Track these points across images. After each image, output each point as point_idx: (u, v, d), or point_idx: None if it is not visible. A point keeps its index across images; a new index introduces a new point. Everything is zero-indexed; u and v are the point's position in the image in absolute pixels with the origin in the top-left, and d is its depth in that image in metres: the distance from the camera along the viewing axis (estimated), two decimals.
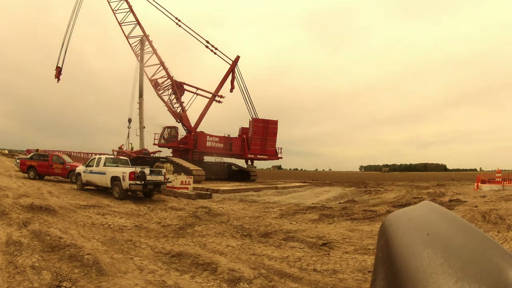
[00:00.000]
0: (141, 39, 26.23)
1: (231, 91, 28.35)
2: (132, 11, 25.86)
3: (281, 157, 29.14)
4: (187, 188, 14.49)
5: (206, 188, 16.02)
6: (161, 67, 26.17)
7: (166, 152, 27.71)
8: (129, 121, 29.63)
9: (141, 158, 24.18)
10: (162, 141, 27.35)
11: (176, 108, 26.85)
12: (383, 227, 0.56)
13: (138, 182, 11.21)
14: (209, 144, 26.41)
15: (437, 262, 0.38)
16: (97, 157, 14.06)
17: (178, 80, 26.91)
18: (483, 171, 58.99)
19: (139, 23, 25.93)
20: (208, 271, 4.53)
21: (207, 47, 27.55)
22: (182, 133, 27.03)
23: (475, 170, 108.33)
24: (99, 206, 9.37)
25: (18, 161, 21.40)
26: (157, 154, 26.90)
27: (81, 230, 6.58)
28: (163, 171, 12.73)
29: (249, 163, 28.51)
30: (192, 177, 15.99)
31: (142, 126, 28.90)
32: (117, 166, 12.85)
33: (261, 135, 27.34)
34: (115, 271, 4.36)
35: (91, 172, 13.20)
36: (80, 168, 14.14)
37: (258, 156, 27.72)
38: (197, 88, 27.71)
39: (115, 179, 11.72)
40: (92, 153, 28.12)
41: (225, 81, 28.24)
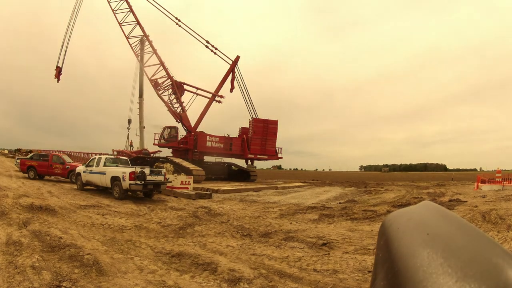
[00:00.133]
0: (141, 39, 26.25)
1: (231, 91, 28.39)
2: (132, 11, 25.87)
3: (281, 157, 29.19)
4: (187, 188, 14.49)
5: (206, 188, 16.03)
6: (161, 67, 26.19)
7: (166, 152, 27.77)
8: (129, 122, 29.49)
9: (141, 158, 24.19)
10: (162, 141, 27.35)
11: (176, 108, 26.87)
12: (383, 227, 0.56)
13: (138, 182, 11.22)
14: (209, 144, 26.42)
15: (437, 262, 0.38)
16: (97, 157, 14.07)
17: (178, 80, 26.96)
18: (483, 171, 59.04)
19: (139, 23, 25.95)
20: (208, 271, 4.54)
21: (207, 47, 27.58)
22: (182, 133, 27.08)
23: (475, 170, 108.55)
24: (99, 206, 9.37)
25: (18, 161, 21.41)
26: (157, 154, 26.93)
27: (81, 230, 6.58)
28: (163, 171, 12.73)
29: (249, 163, 28.52)
30: (192, 177, 15.99)
31: (142, 126, 28.89)
32: (117, 166, 12.86)
33: (261, 135, 27.35)
34: (115, 271, 4.36)
35: (91, 172, 13.22)
36: (80, 168, 14.15)
37: (258, 156, 27.73)
38: (197, 88, 27.75)
39: (115, 179, 11.73)
40: (92, 153, 28.14)
41: (225, 81, 28.27)
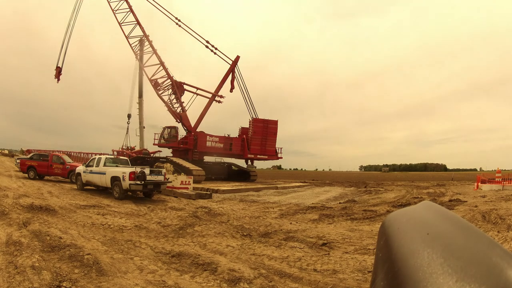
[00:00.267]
0: (140, 39, 26.24)
1: (231, 91, 28.39)
2: (132, 11, 25.87)
3: (281, 157, 29.20)
4: (187, 188, 14.49)
5: (206, 188, 16.03)
6: (161, 67, 26.19)
7: (166, 152, 27.78)
8: (129, 116, 29.67)
9: (141, 158, 24.19)
10: (162, 141, 27.35)
11: (176, 108, 26.86)
12: (383, 227, 0.56)
13: (138, 182, 11.22)
14: (209, 144, 26.42)
15: (437, 262, 0.38)
16: (97, 157, 14.06)
17: (178, 80, 26.96)
18: (483, 171, 59.02)
19: (139, 23, 25.94)
20: (208, 271, 4.53)
21: (207, 47, 27.58)
22: (182, 133, 27.09)
23: (475, 170, 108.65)
24: (99, 206, 9.37)
25: (18, 161, 21.41)
26: (157, 154, 26.93)
27: (81, 230, 6.58)
28: (163, 171, 12.73)
29: (249, 163, 28.52)
30: (192, 177, 15.99)
31: (142, 126, 28.90)
32: (117, 166, 12.86)
33: (261, 135, 27.36)
34: (115, 271, 4.36)
35: (91, 172, 13.22)
36: (80, 168, 14.15)
37: (258, 156, 27.73)
38: (197, 88, 27.75)
39: (115, 179, 11.73)
40: (92, 153, 28.13)
41: (225, 81, 28.27)
